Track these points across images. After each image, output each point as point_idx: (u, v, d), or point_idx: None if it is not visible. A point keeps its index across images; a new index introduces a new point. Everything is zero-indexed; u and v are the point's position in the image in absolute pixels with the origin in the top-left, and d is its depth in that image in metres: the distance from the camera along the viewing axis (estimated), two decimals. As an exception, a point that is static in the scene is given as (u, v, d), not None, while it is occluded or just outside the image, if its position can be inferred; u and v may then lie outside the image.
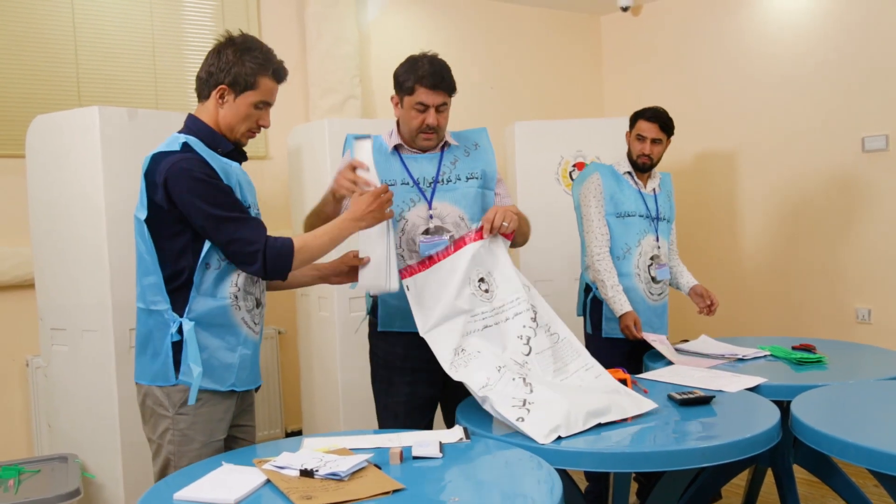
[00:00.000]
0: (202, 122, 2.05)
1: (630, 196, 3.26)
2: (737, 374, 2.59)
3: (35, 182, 3.16)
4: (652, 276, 3.26)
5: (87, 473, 3.04)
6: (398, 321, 2.55)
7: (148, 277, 2.00)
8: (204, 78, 2.05)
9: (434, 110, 2.45)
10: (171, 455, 2.01)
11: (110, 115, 3.02)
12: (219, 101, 2.03)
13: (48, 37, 3.76)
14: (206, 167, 1.95)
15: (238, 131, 2.07)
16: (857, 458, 1.87)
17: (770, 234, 4.93)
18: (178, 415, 2.00)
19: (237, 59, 2.01)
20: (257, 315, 2.12)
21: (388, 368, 2.61)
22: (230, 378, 2.05)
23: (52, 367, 3.19)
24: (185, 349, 1.97)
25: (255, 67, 2.02)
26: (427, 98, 2.43)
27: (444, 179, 2.53)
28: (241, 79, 2.01)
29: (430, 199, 2.51)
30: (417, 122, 2.47)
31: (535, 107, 5.44)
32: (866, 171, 4.41)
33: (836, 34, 4.52)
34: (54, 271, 3.13)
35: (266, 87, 2.05)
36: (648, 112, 3.27)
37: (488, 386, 2.12)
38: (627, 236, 3.23)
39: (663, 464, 1.95)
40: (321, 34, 4.41)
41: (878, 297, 4.42)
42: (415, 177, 2.52)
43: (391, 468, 1.80)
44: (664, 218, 3.33)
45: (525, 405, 2.04)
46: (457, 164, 2.57)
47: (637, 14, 5.61)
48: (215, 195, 1.94)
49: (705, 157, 5.23)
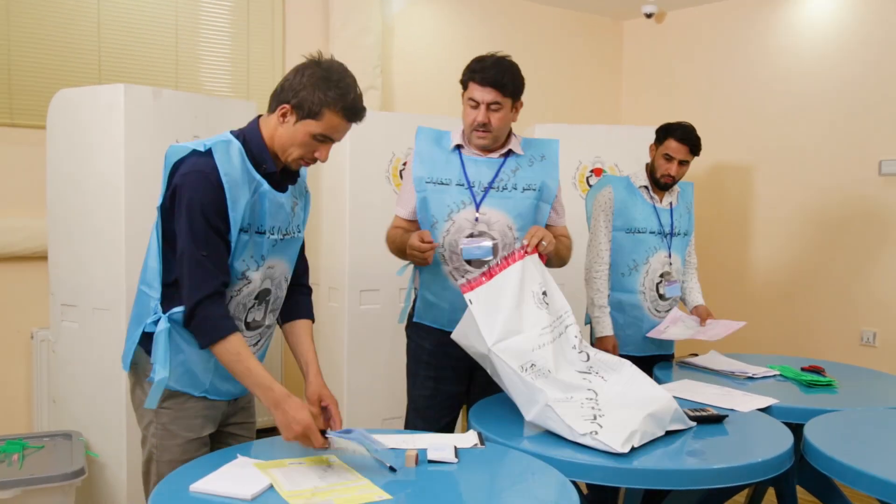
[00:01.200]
0: (259, 133, 1.96)
1: (643, 211, 3.18)
2: (748, 394, 2.60)
3: (55, 155, 3.15)
4: (660, 293, 3.18)
5: (91, 452, 3.04)
6: (430, 315, 2.59)
7: (153, 262, 1.95)
8: (277, 90, 1.95)
9: (485, 108, 2.44)
10: (153, 448, 1.99)
11: (135, 93, 3.00)
12: (280, 119, 1.92)
13: (72, 11, 3.74)
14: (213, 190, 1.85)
15: (290, 155, 1.94)
16: (869, 487, 1.87)
17: (781, 251, 4.93)
18: (161, 409, 1.96)
19: (310, 84, 1.88)
20: (249, 338, 2.03)
21: (416, 361, 2.65)
22: (203, 384, 1.99)
23: (60, 343, 3.18)
24: (157, 349, 1.90)
25: (325, 99, 1.88)
26: (477, 94, 2.44)
27: (500, 186, 2.52)
28: (307, 105, 1.88)
29: (480, 202, 2.51)
30: (469, 119, 2.48)
31: (552, 108, 5.42)
32: (882, 194, 4.41)
33: (859, 55, 4.50)
34: (69, 247, 3.12)
35: (330, 123, 1.90)
36: (680, 131, 3.15)
37: (558, 401, 2.09)
38: (636, 253, 3.16)
39: (676, 482, 1.96)
40: (346, 23, 4.39)
41: (884, 321, 4.42)
42: (470, 179, 2.52)
43: (406, 470, 1.81)
44: (679, 233, 3.24)
45: (596, 419, 2.03)
46: (517, 173, 2.56)
47: (660, 21, 5.59)
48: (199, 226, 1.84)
49: (720, 170, 5.22)
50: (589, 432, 1.98)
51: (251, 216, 1.93)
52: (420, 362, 2.63)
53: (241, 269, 1.95)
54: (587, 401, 2.13)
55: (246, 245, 1.93)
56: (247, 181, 1.91)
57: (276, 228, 2.00)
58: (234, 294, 1.96)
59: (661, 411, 2.11)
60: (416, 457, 1.84)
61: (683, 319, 3.12)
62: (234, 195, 1.87)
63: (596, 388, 2.19)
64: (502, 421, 2.23)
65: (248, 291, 1.98)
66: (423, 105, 4.77)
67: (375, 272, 3.68)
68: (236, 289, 1.96)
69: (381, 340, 3.74)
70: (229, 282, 1.92)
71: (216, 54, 4.17)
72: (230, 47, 4.19)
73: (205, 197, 1.84)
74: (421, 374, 2.63)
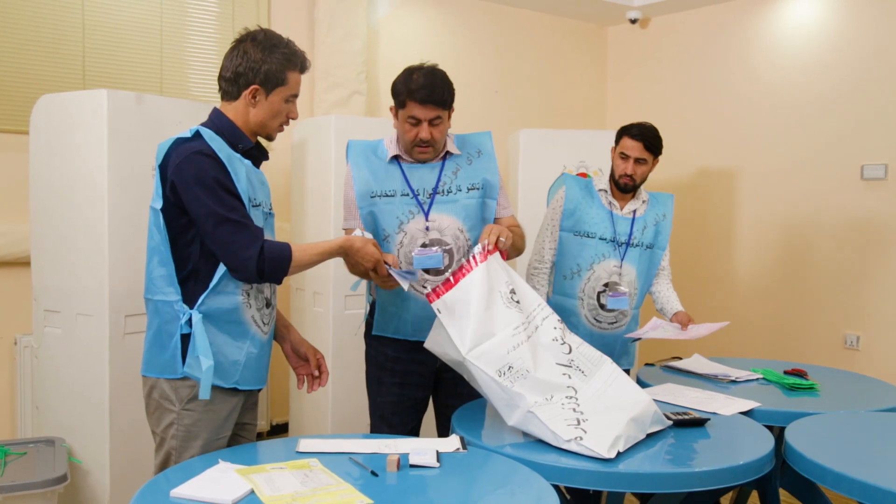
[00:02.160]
0: (227, 117, 2.04)
1: (597, 216, 3.05)
2: (731, 398, 2.61)
3: (37, 160, 3.13)
4: (601, 303, 3.02)
5: (74, 458, 3.02)
6: (392, 327, 2.56)
7: (161, 268, 1.99)
8: (231, 78, 2.02)
9: (427, 124, 2.40)
10: (172, 450, 2.00)
11: (118, 98, 3.00)
12: (250, 101, 2.02)
13: (56, 15, 3.73)
14: (216, 164, 1.93)
15: (271, 127, 2.08)
16: (849, 490, 1.89)
17: (764, 256, 4.96)
18: (184, 410, 1.99)
19: (265, 57, 1.99)
20: (267, 315, 2.11)
21: (380, 368, 2.62)
22: (234, 375, 2.03)
23: (43, 349, 3.16)
24: (194, 341, 1.95)
25: (284, 63, 2.01)
26: (418, 112, 2.39)
27: (444, 190, 2.50)
28: (272, 76, 2.01)
29: (428, 210, 2.48)
30: (410, 136, 2.44)
31: (537, 114, 5.45)
32: (864, 198, 4.45)
33: (841, 62, 4.55)
34: (52, 252, 3.10)
35: (294, 81, 2.06)
36: (634, 129, 3.03)
37: (538, 404, 2.08)
38: (580, 257, 3.02)
39: (657, 486, 1.96)
40: (331, 28, 4.40)
41: (867, 325, 4.46)
42: (414, 188, 2.49)
43: (387, 475, 1.81)
44: (639, 244, 3.07)
45: (580, 424, 2.02)
46: (458, 174, 2.53)
47: (645, 27, 5.62)
48: (220, 195, 1.92)
49: (704, 175, 5.25)
50: (574, 438, 1.98)
51: (250, 189, 2.02)
52: (384, 369, 2.59)
53: None
54: (567, 400, 2.11)
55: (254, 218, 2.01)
56: (234, 157, 1.99)
57: (264, 203, 2.10)
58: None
59: (642, 414, 2.12)
60: (397, 461, 1.84)
61: (664, 326, 3.02)
62: (233, 167, 1.96)
63: (576, 385, 2.17)
64: (485, 425, 2.24)
65: None
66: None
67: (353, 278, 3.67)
68: None
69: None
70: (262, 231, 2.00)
71: (201, 59, 4.16)
72: (215, 52, 4.19)
73: (212, 170, 1.92)
74: (386, 381, 2.60)
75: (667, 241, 3.18)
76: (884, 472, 1.92)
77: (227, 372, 2.02)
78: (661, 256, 3.18)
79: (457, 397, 2.56)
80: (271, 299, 2.15)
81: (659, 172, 3.22)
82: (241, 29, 2.08)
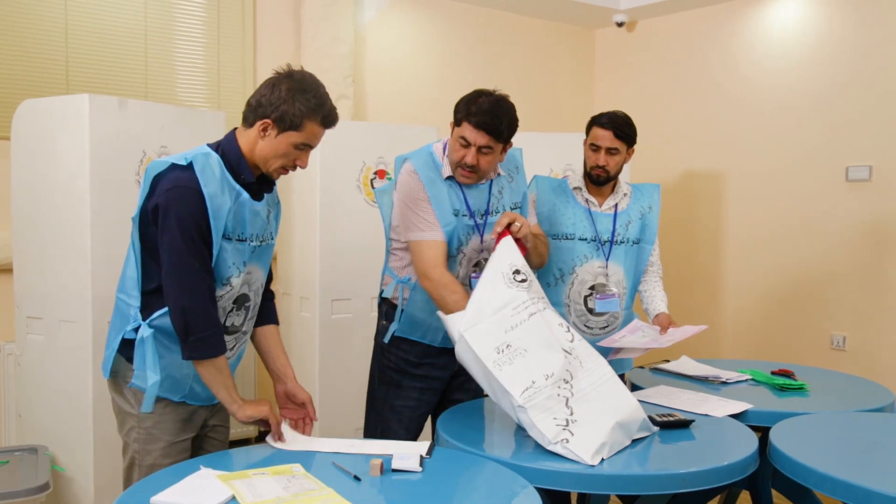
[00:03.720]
0: (237, 145, 2.01)
1: (573, 216, 2.88)
2: (723, 399, 2.60)
3: (19, 166, 3.11)
4: (589, 307, 2.87)
5: (58, 466, 2.99)
6: (419, 332, 2.56)
7: (133, 272, 2.01)
8: (253, 105, 1.99)
9: (475, 150, 2.36)
10: (136, 454, 2.02)
11: (100, 103, 2.98)
12: (261, 133, 1.98)
13: (38, 20, 3.71)
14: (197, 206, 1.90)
15: (271, 166, 2.01)
16: (833, 490, 1.89)
17: (751, 258, 4.97)
18: (143, 413, 2.00)
19: (289, 97, 1.95)
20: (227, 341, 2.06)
21: (400, 372, 2.61)
22: (182, 390, 2.05)
23: (26, 356, 3.14)
24: (144, 355, 1.96)
25: (305, 110, 1.96)
26: (470, 135, 2.35)
27: (493, 211, 2.51)
28: (288, 118, 1.96)
29: (482, 231, 2.49)
30: (457, 156, 2.40)
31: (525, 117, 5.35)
32: (849, 200, 4.47)
33: (825, 65, 4.57)
34: (34, 258, 3.08)
35: (311, 132, 1.99)
36: (603, 118, 2.89)
37: (529, 391, 2.03)
38: (560, 261, 2.86)
39: (641, 487, 1.96)
40: (317, 33, 4.39)
41: (853, 325, 4.47)
42: (472, 208, 2.48)
43: (370, 479, 1.80)
44: (624, 241, 2.91)
45: (568, 426, 2.00)
46: (503, 194, 2.55)
47: (632, 30, 5.63)
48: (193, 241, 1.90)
49: (691, 177, 5.26)
50: (560, 440, 1.97)
51: (234, 224, 1.98)
52: (405, 374, 2.59)
53: (227, 275, 2.00)
54: (564, 385, 2.09)
55: (231, 252, 1.99)
56: (227, 190, 1.96)
57: (254, 235, 2.06)
58: (217, 300, 1.99)
59: (629, 420, 2.11)
60: (380, 465, 1.83)
61: (643, 329, 2.89)
62: (216, 205, 1.93)
63: (573, 369, 2.14)
64: (470, 427, 2.23)
65: (229, 297, 2.04)
66: (394, 115, 4.77)
67: (346, 281, 3.67)
68: (219, 294, 2.00)
69: (354, 349, 3.72)
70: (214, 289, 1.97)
71: (186, 64, 4.15)
72: (200, 57, 4.18)
73: (189, 210, 1.90)
74: (406, 385, 2.59)
75: (655, 235, 3.01)
76: (868, 472, 1.92)
77: (175, 386, 2.03)
78: (650, 251, 3.01)
79: (466, 392, 2.60)
80: (240, 326, 2.12)
81: (646, 174, 3.23)
82: (285, 64, 2.05)
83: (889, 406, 2.63)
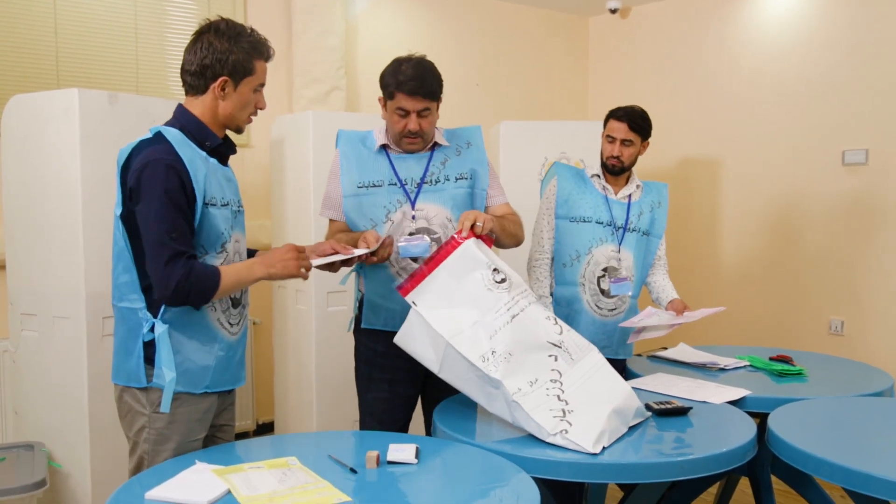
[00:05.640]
0: (192, 114, 1.99)
1: (591, 201, 3.04)
2: (721, 386, 2.59)
3: (10, 162, 3.09)
4: (601, 288, 3.01)
5: (54, 463, 2.98)
6: (381, 320, 2.54)
7: (125, 275, 1.96)
8: (197, 71, 1.96)
9: (416, 115, 2.42)
10: (145, 454, 1.97)
11: (90, 98, 2.95)
12: (219, 94, 1.97)
13: (27, 14, 3.67)
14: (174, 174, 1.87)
15: (240, 119, 2.03)
16: (832, 476, 1.88)
17: (749, 243, 4.96)
18: (155, 413, 1.95)
19: (231, 47, 1.95)
20: (234, 315, 2.07)
21: (369, 365, 2.60)
22: (205, 380, 2.00)
23: (21, 353, 3.12)
24: (158, 352, 1.92)
25: (251, 52, 1.97)
26: (407, 104, 2.40)
27: (432, 180, 2.51)
28: (240, 66, 1.96)
29: (415, 199, 2.49)
30: (399, 127, 2.45)
31: (519, 105, 5.43)
32: (846, 184, 4.45)
33: (820, 49, 4.55)
34: (27, 255, 3.06)
35: (261, 70, 2.02)
36: (620, 111, 3.05)
37: (521, 392, 2.04)
38: (578, 243, 3.01)
39: (639, 476, 1.95)
40: (308, 24, 4.36)
41: (851, 310, 4.46)
42: (401, 177, 2.49)
43: (366, 472, 1.79)
44: (636, 230, 3.07)
45: (566, 416, 1.99)
46: (446, 165, 2.54)
47: (625, 17, 5.61)
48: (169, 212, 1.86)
49: (687, 164, 5.25)
50: (559, 431, 1.96)
51: (213, 189, 1.97)
52: (374, 365, 2.58)
53: (221, 241, 1.99)
54: (552, 385, 2.08)
55: (219, 218, 1.98)
56: (198, 157, 1.95)
57: (233, 201, 2.06)
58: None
59: (623, 406, 2.11)
60: (377, 458, 1.82)
61: (659, 314, 2.99)
62: (194, 169, 1.91)
63: (561, 368, 2.13)
64: (466, 418, 2.22)
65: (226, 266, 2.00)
66: (388, 105, 4.75)
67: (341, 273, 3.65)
68: (216, 263, 1.98)
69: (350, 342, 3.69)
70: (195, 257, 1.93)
71: (177, 58, 4.09)
72: (191, 50, 4.14)
73: (167, 181, 1.86)
74: (375, 377, 2.58)
75: (663, 231, 3.17)
76: (867, 457, 1.91)
77: (196, 378, 1.98)
78: (658, 245, 3.17)
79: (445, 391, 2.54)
80: (241, 298, 2.11)
81: (641, 161, 3.20)
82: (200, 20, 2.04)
83: (888, 390, 2.63)
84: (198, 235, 1.94)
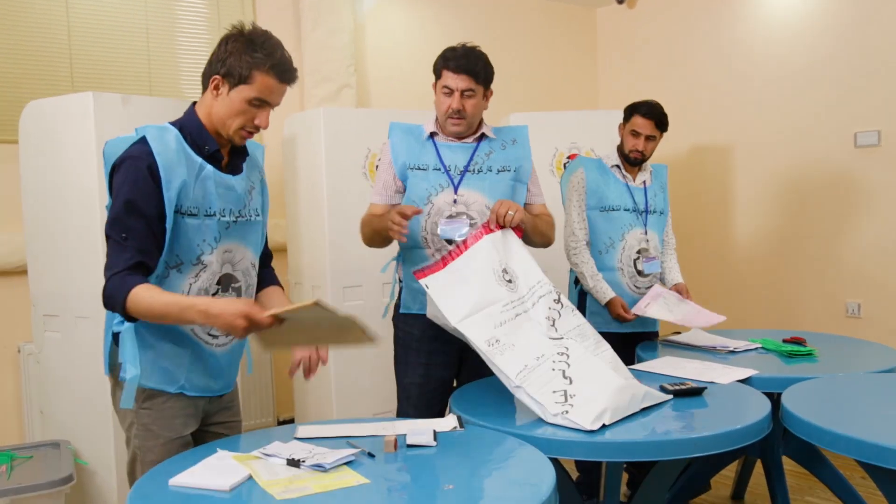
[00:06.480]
0: (196, 116, 1.97)
1: (616, 190, 3.23)
2: (728, 366, 2.61)
3: (28, 168, 3.15)
4: (638, 269, 3.22)
5: (80, 460, 3.04)
6: (417, 303, 2.62)
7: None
8: (205, 70, 1.96)
9: (459, 94, 2.51)
10: (137, 449, 1.98)
11: (104, 100, 3.01)
12: (214, 93, 1.94)
13: (41, 20, 3.74)
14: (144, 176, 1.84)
15: (230, 127, 1.94)
16: (846, 449, 1.90)
17: (762, 228, 4.95)
18: (140, 409, 1.96)
19: (235, 51, 1.90)
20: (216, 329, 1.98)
21: (405, 349, 2.69)
22: (179, 380, 1.98)
23: (44, 354, 3.18)
24: (122, 348, 1.91)
25: (252, 61, 1.89)
26: (451, 81, 2.51)
27: (476, 169, 2.60)
28: (236, 71, 1.89)
29: (458, 185, 2.57)
30: (444, 107, 2.55)
31: (529, 97, 5.44)
32: (858, 166, 4.44)
33: (830, 31, 4.53)
34: (47, 257, 3.12)
35: (263, 84, 1.91)
36: (644, 107, 3.22)
37: (524, 372, 2.10)
38: (611, 231, 3.20)
39: (655, 454, 1.97)
40: (316, 24, 4.40)
41: (868, 292, 4.45)
42: (446, 163, 2.58)
43: (385, 456, 1.81)
44: (655, 211, 3.30)
45: (567, 399, 2.03)
46: (491, 156, 2.63)
47: (633, 7, 5.60)
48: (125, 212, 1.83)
49: (699, 151, 5.24)
50: (561, 412, 1.99)
51: (198, 199, 1.92)
52: (410, 349, 2.67)
53: (196, 253, 1.93)
54: (559, 357, 2.15)
55: (198, 229, 1.92)
56: (184, 163, 1.90)
57: (227, 210, 1.99)
58: (192, 281, 1.94)
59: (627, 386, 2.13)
60: (394, 442, 1.85)
61: (664, 295, 3.15)
62: (169, 176, 1.86)
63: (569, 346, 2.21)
64: (482, 403, 2.25)
65: (207, 277, 1.96)
66: (398, 100, 4.78)
67: (357, 268, 3.69)
68: (193, 275, 1.94)
69: (367, 335, 3.74)
70: (152, 266, 1.88)
71: (189, 58, 4.17)
72: (203, 50, 4.19)
73: (135, 184, 1.83)
74: (411, 362, 2.66)
75: (668, 209, 3.41)
76: (880, 429, 1.92)
77: (169, 376, 1.97)
78: (667, 221, 3.41)
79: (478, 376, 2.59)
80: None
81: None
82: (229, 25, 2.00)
83: (899, 366, 2.63)
84: (172, 244, 1.90)
